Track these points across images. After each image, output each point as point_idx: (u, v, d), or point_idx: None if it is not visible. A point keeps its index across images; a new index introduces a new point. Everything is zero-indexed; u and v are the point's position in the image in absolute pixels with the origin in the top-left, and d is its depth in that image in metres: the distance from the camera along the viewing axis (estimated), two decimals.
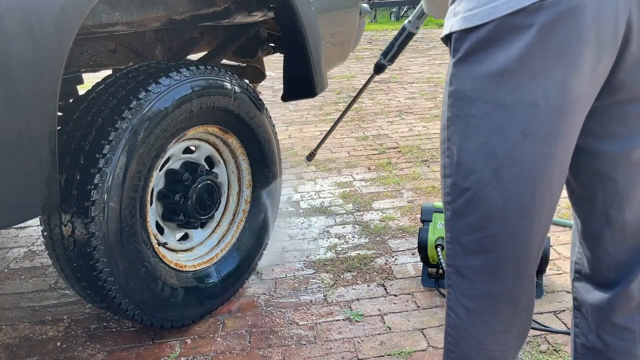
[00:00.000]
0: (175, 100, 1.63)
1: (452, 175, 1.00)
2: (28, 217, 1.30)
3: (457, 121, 0.96)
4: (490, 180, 0.94)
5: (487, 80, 0.90)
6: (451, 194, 1.02)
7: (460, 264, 1.04)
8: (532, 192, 0.93)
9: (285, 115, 4.48)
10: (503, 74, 0.88)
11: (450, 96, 0.97)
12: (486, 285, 1.02)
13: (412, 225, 2.53)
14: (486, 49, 0.89)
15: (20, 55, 1.18)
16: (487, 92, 0.91)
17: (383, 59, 1.96)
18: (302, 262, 2.27)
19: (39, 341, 1.84)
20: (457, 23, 0.92)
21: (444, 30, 0.97)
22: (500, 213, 0.95)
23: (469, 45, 0.91)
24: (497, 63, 0.88)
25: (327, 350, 1.73)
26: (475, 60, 0.91)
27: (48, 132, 1.26)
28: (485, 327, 1.05)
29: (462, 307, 1.06)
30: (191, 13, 1.87)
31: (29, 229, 2.68)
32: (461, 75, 0.94)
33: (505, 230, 0.97)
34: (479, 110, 0.92)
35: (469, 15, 0.89)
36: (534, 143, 0.90)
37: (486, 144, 0.93)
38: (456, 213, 1.02)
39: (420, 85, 5.37)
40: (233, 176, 2.04)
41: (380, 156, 3.47)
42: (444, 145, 1.01)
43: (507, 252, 0.99)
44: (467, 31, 0.90)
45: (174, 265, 1.80)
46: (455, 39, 0.93)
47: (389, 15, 11.03)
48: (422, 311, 1.91)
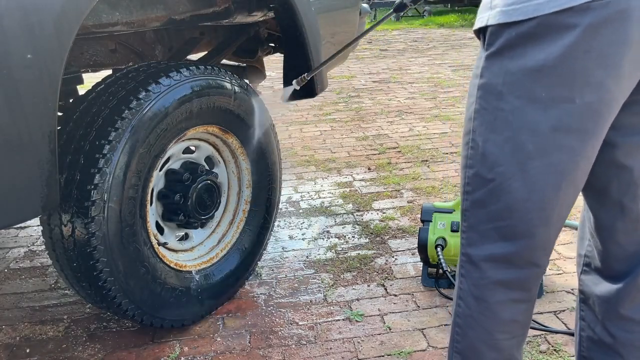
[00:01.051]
0: (175, 100, 1.63)
1: (475, 166, 1.02)
2: (28, 217, 1.30)
3: (484, 114, 0.98)
4: (515, 172, 0.96)
5: (522, 76, 0.91)
6: (472, 184, 1.03)
7: (475, 253, 1.06)
8: (557, 185, 0.96)
9: (285, 115, 4.48)
10: (541, 71, 0.89)
11: (479, 89, 0.98)
12: (499, 274, 1.04)
13: (412, 225, 2.53)
14: (525, 44, 0.89)
15: (20, 55, 1.18)
16: (520, 87, 0.92)
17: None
18: (302, 262, 2.27)
19: (39, 341, 1.84)
20: (495, 17, 0.92)
21: (477, 22, 0.97)
22: (522, 204, 0.98)
23: (505, 40, 0.91)
24: (535, 59, 0.89)
25: (327, 350, 1.73)
26: (511, 55, 0.91)
27: (48, 132, 1.26)
28: (495, 317, 1.06)
29: (472, 297, 1.07)
30: (191, 13, 1.87)
31: (29, 229, 2.68)
32: (493, 68, 0.95)
33: (525, 220, 0.99)
34: (509, 104, 0.93)
35: (509, 10, 0.90)
36: (565, 138, 0.92)
37: (514, 137, 0.94)
38: (476, 203, 1.04)
39: (420, 85, 5.36)
40: (233, 176, 2.04)
41: (380, 156, 3.47)
42: (467, 136, 1.03)
43: (525, 241, 1.01)
44: (505, 25, 0.91)
45: (174, 265, 1.80)
46: (491, 33, 0.93)
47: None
48: (422, 311, 1.91)
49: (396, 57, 6.91)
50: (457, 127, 3.96)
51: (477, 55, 1.01)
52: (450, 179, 3.04)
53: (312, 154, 3.57)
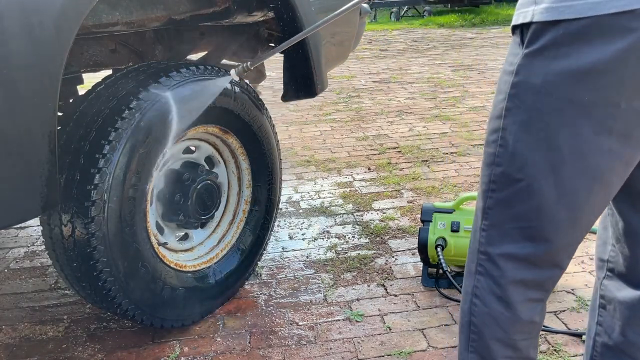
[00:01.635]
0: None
1: (502, 164, 0.99)
2: (28, 217, 1.30)
3: (517, 112, 0.94)
4: (547, 174, 0.93)
5: (565, 77, 0.87)
6: (498, 182, 1.01)
7: (496, 251, 1.03)
8: (590, 189, 0.93)
9: (285, 115, 4.48)
10: (588, 73, 0.85)
11: (513, 86, 0.94)
12: (520, 273, 1.02)
13: (412, 225, 2.53)
14: (572, 44, 0.85)
15: (20, 55, 1.18)
16: (562, 88, 0.88)
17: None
18: (302, 262, 2.27)
19: (39, 341, 1.84)
20: (542, 13, 0.87)
21: (518, 17, 0.92)
22: (552, 207, 0.95)
23: (551, 38, 0.87)
24: (583, 61, 0.85)
25: (327, 350, 1.73)
26: (555, 55, 0.87)
27: (48, 132, 1.26)
28: (513, 316, 1.05)
29: (491, 295, 1.05)
30: (191, 13, 1.87)
31: (29, 229, 2.67)
32: (533, 67, 0.90)
33: (552, 223, 0.97)
34: (547, 105, 0.90)
35: (560, 7, 0.85)
36: (605, 142, 0.89)
37: (549, 138, 0.91)
38: (501, 202, 1.01)
39: (420, 85, 5.36)
40: (233, 176, 2.04)
41: (380, 156, 3.47)
42: (496, 134, 0.99)
43: (549, 244, 0.99)
44: (552, 23, 0.86)
45: (174, 265, 1.80)
46: (535, 29, 0.89)
47: (389, 15, 11.03)
48: (422, 311, 1.91)
49: (396, 57, 6.91)
50: (457, 127, 3.96)
51: (476, 56, 0.99)
52: (450, 179, 3.04)
53: (312, 154, 3.57)
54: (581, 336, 1.70)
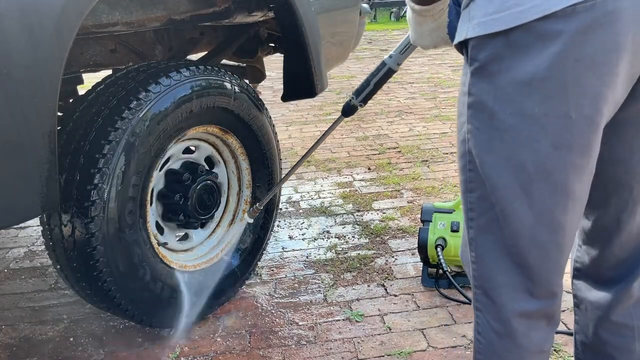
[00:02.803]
0: (175, 100, 1.63)
1: (477, 189, 0.94)
2: (28, 217, 1.30)
3: (477, 134, 0.90)
4: (519, 195, 0.88)
5: (512, 91, 0.83)
6: (476, 209, 0.96)
7: (489, 285, 0.98)
8: (564, 205, 0.89)
9: (285, 115, 4.48)
10: (530, 84, 0.82)
11: (469, 107, 0.90)
12: (519, 305, 0.96)
13: (412, 225, 2.53)
14: (510, 56, 0.82)
15: (20, 55, 1.18)
16: (511, 103, 0.84)
17: (355, 98, 1.59)
18: (302, 262, 2.27)
19: (39, 341, 1.84)
20: (474, 29, 0.85)
21: (458, 36, 0.90)
22: (531, 229, 0.90)
23: (490, 53, 0.84)
24: (523, 72, 0.81)
25: (327, 350, 1.73)
26: (497, 70, 0.84)
27: (48, 132, 1.26)
28: (522, 351, 0.99)
29: (492, 332, 1.00)
30: (191, 13, 1.87)
31: (29, 229, 2.67)
32: (481, 85, 0.87)
33: (536, 245, 0.92)
34: (502, 123, 0.86)
35: (488, 20, 0.82)
36: (567, 155, 0.84)
37: (513, 157, 0.87)
38: (482, 229, 0.96)
39: (420, 85, 5.36)
40: (233, 176, 2.04)
41: (380, 156, 3.47)
42: (464, 158, 0.95)
43: (539, 268, 0.94)
44: (486, 37, 0.83)
45: (174, 265, 1.80)
46: (473, 46, 0.86)
47: (389, 15, 11.03)
48: (422, 311, 1.91)
49: None
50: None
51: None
52: (450, 179, 3.04)
53: (312, 153, 3.56)
54: None
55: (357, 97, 1.59)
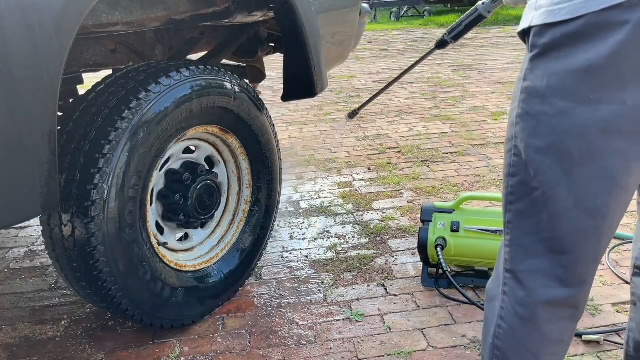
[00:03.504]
0: (175, 100, 1.63)
1: (518, 173, 0.97)
2: (28, 217, 1.30)
3: (527, 118, 0.94)
4: (560, 180, 0.91)
5: (568, 77, 0.87)
6: (516, 193, 0.98)
7: (520, 269, 1.00)
8: (608, 192, 0.90)
9: (285, 115, 4.48)
10: (588, 71, 0.85)
11: (522, 92, 0.94)
12: (547, 292, 0.98)
13: (412, 225, 2.53)
14: (571, 44, 0.86)
15: (20, 55, 1.18)
16: (566, 89, 0.88)
17: (447, 35, 1.88)
18: (302, 262, 2.27)
19: (39, 341, 1.84)
20: (540, 17, 0.89)
21: (522, 24, 0.94)
22: (570, 214, 0.92)
23: (550, 40, 0.88)
24: (582, 59, 0.85)
25: (327, 350, 1.73)
26: (556, 56, 0.88)
27: (48, 132, 1.26)
28: (542, 338, 1.00)
29: (516, 317, 1.01)
30: (191, 13, 1.87)
31: (29, 229, 2.68)
32: (538, 70, 0.91)
33: (574, 232, 0.94)
34: (552, 108, 0.89)
35: (554, 10, 0.86)
36: (615, 141, 0.87)
37: (559, 142, 0.90)
38: (520, 213, 0.99)
39: (420, 85, 5.36)
40: (233, 176, 2.04)
41: (380, 156, 3.47)
42: (510, 142, 0.98)
43: (574, 254, 0.95)
44: (550, 26, 0.87)
45: (174, 265, 1.80)
46: (535, 33, 0.90)
47: (389, 15, 11.03)
48: (422, 311, 1.91)
49: (396, 57, 6.91)
50: (457, 127, 3.96)
51: (476, 56, 0.99)
52: (450, 179, 3.04)
53: (312, 154, 3.57)
54: (581, 336, 1.70)
55: (449, 34, 1.90)
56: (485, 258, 1.97)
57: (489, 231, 1.96)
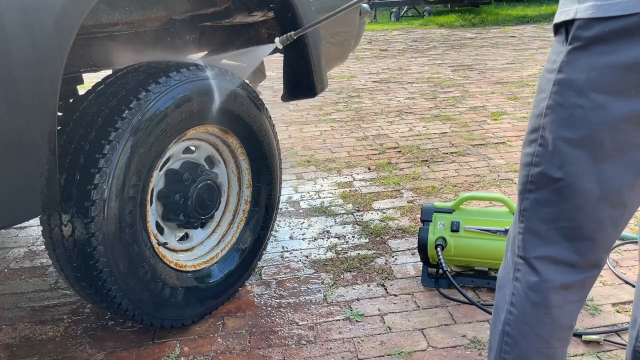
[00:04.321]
0: (176, 100, 1.63)
1: (541, 164, 0.99)
2: (28, 217, 1.30)
3: (559, 110, 0.94)
4: (589, 171, 0.93)
5: (610, 72, 0.88)
6: (536, 182, 1.00)
7: (534, 255, 1.02)
8: (633, 183, 0.93)
9: (285, 115, 4.48)
10: (632, 68, 0.86)
11: (555, 84, 0.95)
12: (560, 277, 1.01)
13: (412, 225, 2.53)
14: (618, 40, 0.86)
15: (20, 55, 1.18)
16: (606, 84, 0.89)
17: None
18: (302, 262, 2.27)
19: (39, 341, 1.84)
20: (587, 10, 0.89)
21: (561, 15, 0.94)
22: (594, 204, 0.95)
23: (596, 34, 0.88)
24: (628, 56, 0.86)
25: (327, 350, 1.73)
26: (600, 51, 0.88)
27: (48, 132, 1.26)
28: (553, 323, 1.03)
29: (528, 302, 1.03)
30: (191, 13, 1.87)
31: (29, 229, 2.68)
32: (577, 63, 0.91)
33: (595, 220, 0.96)
34: (590, 102, 0.90)
35: (605, 5, 0.86)
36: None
37: (592, 135, 0.91)
38: (539, 202, 1.00)
39: (420, 85, 5.36)
40: (233, 176, 2.04)
41: (380, 156, 3.47)
42: (536, 133, 0.99)
43: (592, 242, 0.98)
44: (597, 20, 0.87)
45: (174, 265, 1.80)
46: (579, 26, 0.90)
47: (389, 15, 11.03)
48: (422, 311, 1.91)
49: (396, 57, 6.92)
50: (457, 127, 3.96)
51: (476, 56, 0.99)
52: (450, 179, 3.04)
53: (312, 154, 3.57)
54: (581, 336, 1.70)
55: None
56: (485, 258, 1.97)
57: (489, 231, 1.96)
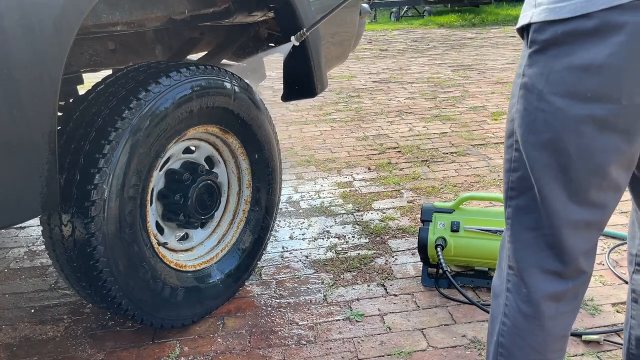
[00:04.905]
0: (175, 100, 1.63)
1: (520, 169, 0.99)
2: (28, 217, 1.30)
3: (525, 114, 0.95)
4: (557, 175, 0.93)
5: (567, 75, 0.88)
6: (516, 188, 1.00)
7: (521, 265, 1.01)
8: (599, 186, 0.93)
9: (285, 115, 4.48)
10: (587, 70, 0.86)
11: (521, 88, 0.95)
12: (549, 286, 0.99)
13: (412, 225, 2.53)
14: (571, 42, 0.86)
15: (20, 55, 1.18)
16: (564, 87, 0.89)
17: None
18: (302, 262, 2.27)
19: (39, 341, 1.84)
20: (540, 14, 0.89)
21: (521, 20, 0.94)
22: (565, 208, 0.95)
23: (550, 37, 0.88)
24: (582, 58, 0.86)
25: (327, 350, 1.73)
26: (555, 54, 0.88)
27: (48, 132, 1.26)
28: (546, 335, 1.01)
29: (520, 314, 1.02)
30: (191, 13, 1.87)
31: (29, 229, 2.67)
32: (536, 67, 0.92)
33: (569, 224, 0.96)
34: (550, 105, 0.90)
35: (555, 7, 0.87)
36: (610, 139, 0.89)
37: (556, 139, 0.91)
38: (520, 209, 1.00)
39: (420, 85, 5.36)
40: (233, 176, 2.04)
41: (380, 156, 3.47)
42: (511, 138, 1.00)
43: (571, 248, 0.97)
44: (550, 23, 0.88)
45: (174, 265, 1.80)
46: (535, 30, 0.91)
47: (389, 15, 11.03)
48: (422, 311, 1.91)
49: (396, 57, 6.91)
50: (457, 127, 3.96)
51: (476, 56, 0.99)
52: (450, 179, 3.04)
53: (312, 154, 3.57)
54: (581, 336, 1.70)
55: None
56: (485, 258, 1.97)
57: (489, 231, 1.96)
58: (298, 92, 2.15)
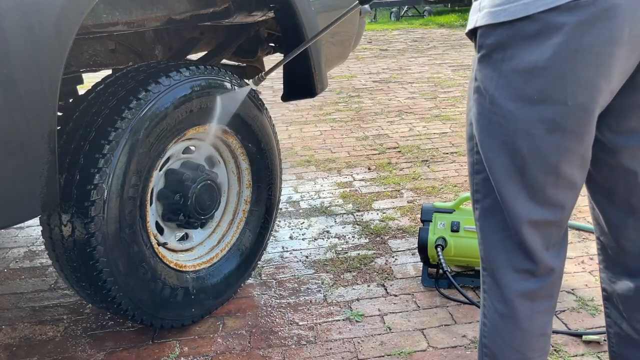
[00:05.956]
0: (175, 100, 1.63)
1: (482, 171, 1.00)
2: (28, 217, 1.30)
3: (479, 118, 0.96)
4: (514, 176, 0.95)
5: (514, 77, 0.89)
6: (482, 191, 1.02)
7: (493, 266, 1.03)
8: (555, 185, 0.95)
9: (285, 115, 4.48)
10: (532, 72, 0.87)
11: (475, 92, 0.97)
12: (522, 285, 1.01)
13: (412, 225, 2.53)
14: (514, 45, 0.88)
15: (20, 55, 1.18)
16: (512, 90, 0.90)
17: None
18: (302, 262, 2.27)
19: (39, 341, 1.84)
20: (483, 18, 0.90)
21: (468, 25, 0.96)
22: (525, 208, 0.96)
23: (495, 41, 0.90)
24: (526, 61, 0.87)
25: (327, 351, 1.73)
26: (501, 57, 0.90)
27: (48, 132, 1.26)
28: (524, 334, 1.03)
29: (497, 314, 1.03)
30: (191, 13, 1.87)
31: (29, 229, 2.67)
32: (486, 71, 0.93)
33: (530, 224, 0.97)
34: (501, 108, 0.92)
35: (496, 11, 0.88)
36: (560, 139, 0.91)
37: (509, 141, 0.93)
38: (486, 211, 1.02)
39: (420, 85, 5.36)
40: (233, 176, 2.04)
41: (380, 156, 3.47)
42: (471, 142, 1.01)
43: (537, 246, 0.99)
44: (493, 27, 0.89)
45: (174, 265, 1.80)
46: (480, 35, 0.92)
47: (389, 15, 11.03)
48: (422, 311, 1.91)
49: (396, 57, 6.91)
50: (457, 127, 3.96)
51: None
52: (450, 179, 3.04)
53: (312, 154, 3.57)
54: (581, 336, 1.70)
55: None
56: None
57: None
58: (298, 92, 2.15)
